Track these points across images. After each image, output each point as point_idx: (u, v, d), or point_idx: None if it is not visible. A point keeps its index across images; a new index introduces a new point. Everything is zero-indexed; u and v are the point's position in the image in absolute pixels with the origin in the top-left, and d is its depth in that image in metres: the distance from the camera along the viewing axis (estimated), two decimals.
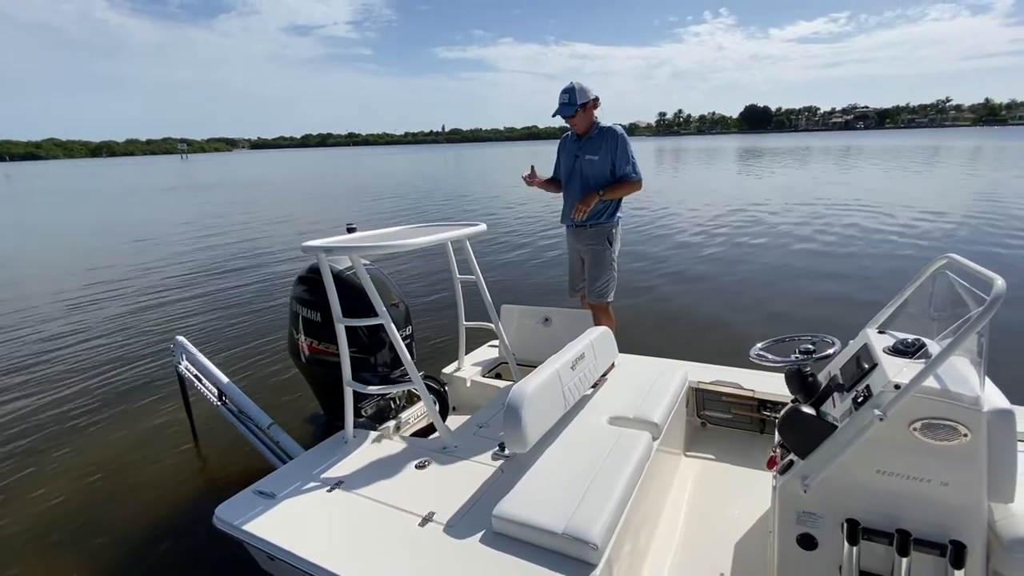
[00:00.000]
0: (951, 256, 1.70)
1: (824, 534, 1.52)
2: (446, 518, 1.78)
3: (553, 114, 3.34)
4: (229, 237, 11.47)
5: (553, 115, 3.34)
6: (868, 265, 7.09)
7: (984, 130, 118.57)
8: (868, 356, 1.66)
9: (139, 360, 4.84)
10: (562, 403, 2.11)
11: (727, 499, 2.29)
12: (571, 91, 3.25)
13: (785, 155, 36.93)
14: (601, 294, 3.47)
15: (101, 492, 2.99)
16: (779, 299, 5.84)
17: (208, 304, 6.57)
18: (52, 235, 13.55)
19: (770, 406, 2.61)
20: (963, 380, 1.39)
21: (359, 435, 2.39)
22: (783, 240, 8.84)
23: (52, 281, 8.16)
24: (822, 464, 1.46)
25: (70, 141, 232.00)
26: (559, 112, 3.30)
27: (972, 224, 9.57)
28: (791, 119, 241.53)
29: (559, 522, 1.57)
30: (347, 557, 1.65)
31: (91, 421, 3.78)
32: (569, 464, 1.88)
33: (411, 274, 7.48)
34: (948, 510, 1.38)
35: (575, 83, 3.25)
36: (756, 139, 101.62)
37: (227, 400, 2.92)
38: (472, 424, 2.47)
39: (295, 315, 2.75)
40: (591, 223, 3.42)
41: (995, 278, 1.32)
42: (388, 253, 2.15)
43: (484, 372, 3.20)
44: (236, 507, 1.94)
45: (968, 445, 1.33)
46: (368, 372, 2.67)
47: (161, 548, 2.53)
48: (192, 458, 3.29)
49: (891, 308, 1.92)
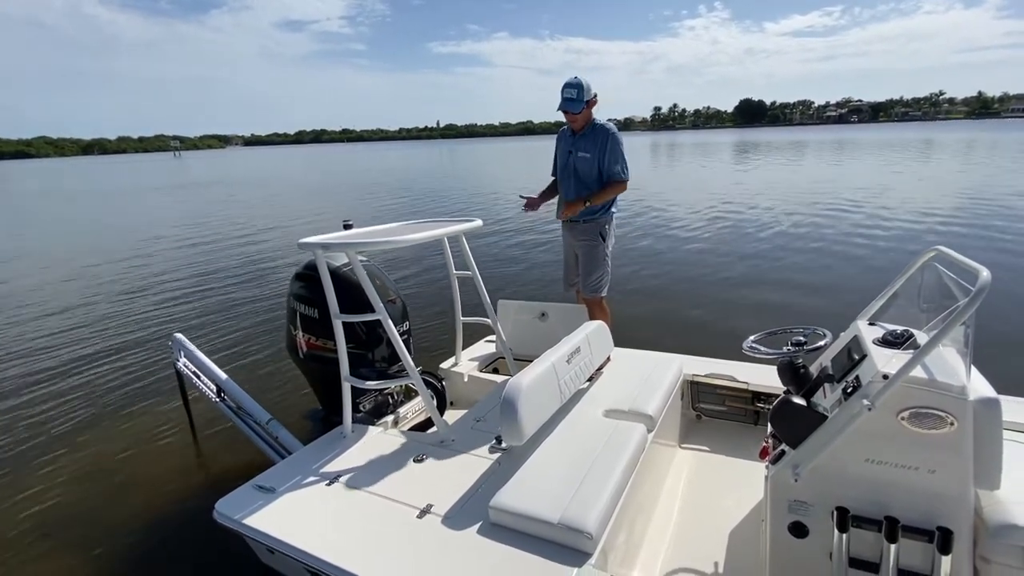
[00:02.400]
0: (939, 248, 1.73)
1: (815, 522, 1.55)
2: (444, 510, 1.80)
3: (559, 107, 3.26)
4: (226, 234, 11.43)
5: (559, 109, 3.27)
6: (861, 257, 7.15)
7: (977, 123, 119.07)
8: (858, 347, 1.69)
9: (138, 357, 4.85)
10: (558, 396, 2.14)
11: (721, 489, 2.32)
12: (578, 87, 3.19)
13: (779, 149, 37.03)
14: (594, 289, 3.50)
15: (102, 487, 3.00)
16: (773, 291, 5.89)
17: (205, 301, 6.57)
18: (48, 235, 13.46)
19: (764, 398, 2.64)
20: (950, 370, 1.42)
21: (357, 430, 2.40)
22: (777, 233, 8.89)
23: (49, 280, 8.13)
24: (812, 453, 1.49)
25: (61, 139, 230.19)
26: (565, 107, 3.23)
27: (963, 216, 9.65)
28: (785, 113, 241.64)
29: (554, 512, 1.60)
30: (346, 549, 1.67)
31: (91, 418, 3.79)
32: (565, 456, 1.90)
33: (408, 270, 7.48)
34: (935, 497, 1.41)
35: (580, 79, 3.20)
36: (750, 133, 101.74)
37: (226, 396, 2.93)
38: (469, 418, 2.49)
39: (293, 312, 2.76)
40: (585, 219, 3.43)
41: (980, 269, 1.34)
42: (384, 249, 2.17)
43: (481, 367, 3.22)
44: (236, 501, 1.96)
45: (955, 433, 1.36)
46: (366, 367, 2.69)
47: (162, 542, 2.55)
48: (191, 454, 3.30)
49: (882, 300, 1.95)
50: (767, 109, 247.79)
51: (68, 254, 10.22)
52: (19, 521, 2.75)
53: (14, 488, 3.03)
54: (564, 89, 3.24)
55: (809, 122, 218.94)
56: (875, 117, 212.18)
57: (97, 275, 8.22)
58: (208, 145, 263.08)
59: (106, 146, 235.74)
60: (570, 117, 3.30)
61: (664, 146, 53.54)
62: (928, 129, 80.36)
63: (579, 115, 3.26)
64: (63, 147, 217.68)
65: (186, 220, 14.30)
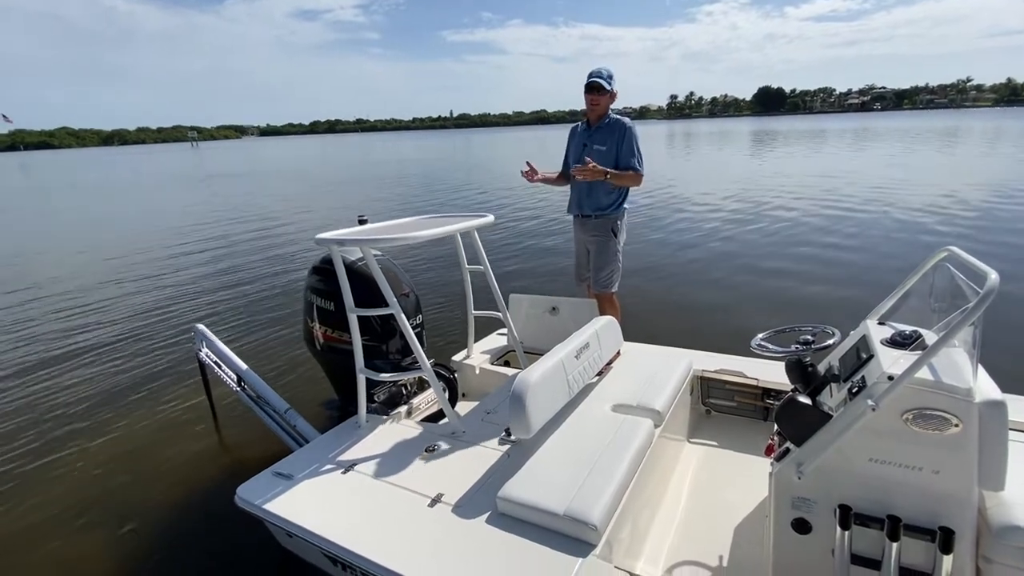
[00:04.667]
0: (951, 249, 1.72)
1: (818, 519, 1.57)
2: (454, 499, 1.86)
3: (587, 83, 3.30)
4: (246, 227, 11.58)
5: (587, 83, 3.30)
6: (876, 255, 7.03)
7: (1006, 111, 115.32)
8: (866, 347, 1.69)
9: (162, 348, 4.99)
10: (566, 391, 2.18)
11: (728, 485, 2.35)
12: (609, 73, 3.30)
13: (796, 139, 36.28)
14: (605, 284, 3.52)
15: (129, 472, 3.12)
16: (787, 288, 5.84)
17: (227, 293, 6.71)
18: (70, 227, 13.80)
19: (774, 394, 2.64)
20: (956, 371, 1.42)
21: (372, 420, 2.47)
22: (793, 228, 8.77)
23: (74, 274, 8.35)
24: (816, 452, 1.51)
25: (82, 130, 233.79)
26: (593, 81, 3.27)
27: (984, 213, 9.42)
28: (806, 101, 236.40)
29: (561, 504, 1.65)
30: (360, 535, 1.74)
31: (117, 406, 3.92)
32: (572, 449, 1.95)
33: (421, 264, 7.54)
34: (939, 497, 1.42)
35: (609, 68, 3.34)
36: (768, 121, 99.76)
37: (246, 386, 3.02)
38: (480, 410, 2.54)
39: (310, 304, 2.83)
40: (596, 213, 3.45)
41: (989, 272, 1.34)
42: (397, 246, 2.22)
43: (493, 360, 3.27)
44: (256, 487, 2.04)
45: (959, 435, 1.37)
46: (380, 359, 2.74)
47: (186, 524, 2.66)
48: (213, 441, 3.42)
49: (892, 300, 1.94)
50: (787, 97, 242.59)
51: (89, 247, 10.49)
52: (50, 504, 2.88)
53: (45, 473, 3.16)
54: (593, 71, 3.32)
55: (830, 110, 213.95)
56: (899, 104, 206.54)
57: (121, 267, 8.44)
58: (225, 136, 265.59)
59: (126, 137, 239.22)
60: (594, 99, 3.33)
61: (679, 135, 52.81)
62: (954, 117, 78.10)
63: (603, 99, 3.33)
64: (84, 138, 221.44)
65: (203, 211, 14.54)
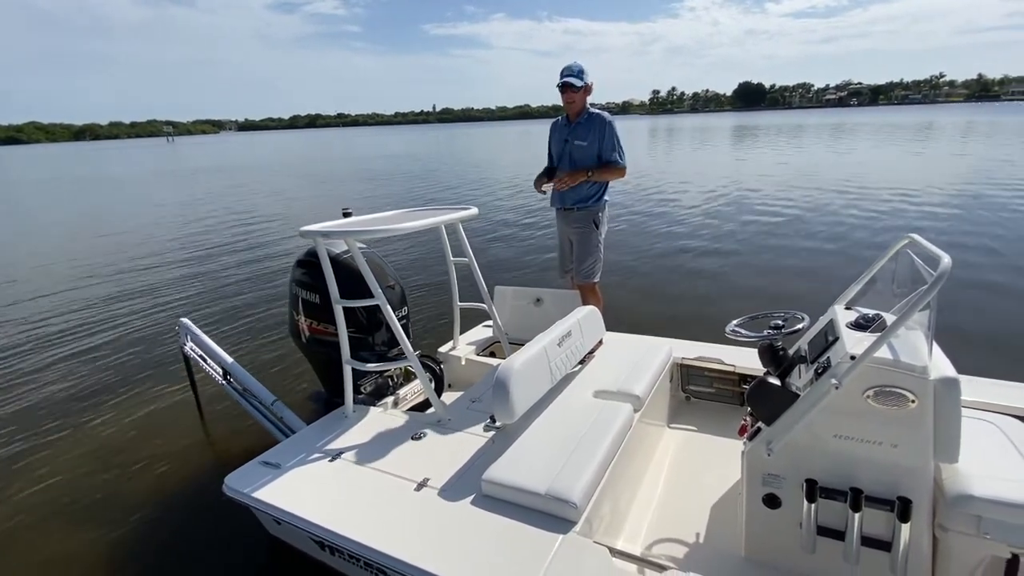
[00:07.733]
0: (912, 236, 1.82)
1: (786, 494, 1.66)
2: (440, 483, 1.91)
3: (559, 82, 3.34)
4: (228, 221, 11.43)
5: (559, 83, 3.35)
6: (847, 243, 7.24)
7: (976, 106, 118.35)
8: (833, 330, 1.78)
9: (146, 342, 4.95)
10: (549, 378, 2.24)
11: (705, 466, 2.43)
12: (579, 68, 3.34)
13: (776, 133, 36.88)
14: (588, 275, 3.59)
15: (114, 466, 3.11)
16: (764, 277, 5.99)
17: (211, 286, 6.65)
18: (50, 223, 13.46)
19: (750, 380, 2.74)
20: (913, 350, 1.51)
21: (359, 410, 2.50)
22: (771, 220, 8.95)
23: (56, 269, 8.17)
24: (785, 430, 1.60)
25: (52, 124, 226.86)
26: (565, 81, 3.31)
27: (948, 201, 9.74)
28: (785, 96, 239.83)
29: (542, 484, 1.71)
30: (348, 519, 1.78)
31: (102, 400, 3.89)
32: (554, 433, 2.01)
33: (408, 256, 7.55)
34: (897, 469, 1.51)
35: (581, 64, 3.35)
36: (749, 117, 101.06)
37: (231, 379, 3.02)
38: (465, 399, 2.59)
39: (295, 297, 2.84)
40: (578, 206, 3.52)
41: (942, 256, 1.44)
42: (382, 237, 2.25)
43: (478, 351, 3.31)
44: (244, 476, 2.07)
45: (916, 410, 1.46)
46: (366, 351, 2.77)
47: (173, 515, 2.66)
48: (199, 434, 3.41)
49: (858, 285, 2.04)
50: (766, 92, 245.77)
51: (70, 242, 10.25)
52: (37, 498, 2.86)
53: (30, 468, 3.13)
54: (564, 70, 3.37)
55: (809, 105, 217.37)
56: (875, 100, 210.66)
57: (104, 262, 8.27)
58: (201, 130, 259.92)
59: (98, 131, 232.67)
60: (569, 96, 3.38)
61: (662, 130, 53.22)
62: (926, 112, 79.94)
63: (577, 95, 3.37)
64: (54, 132, 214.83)
65: (184, 206, 14.29)
